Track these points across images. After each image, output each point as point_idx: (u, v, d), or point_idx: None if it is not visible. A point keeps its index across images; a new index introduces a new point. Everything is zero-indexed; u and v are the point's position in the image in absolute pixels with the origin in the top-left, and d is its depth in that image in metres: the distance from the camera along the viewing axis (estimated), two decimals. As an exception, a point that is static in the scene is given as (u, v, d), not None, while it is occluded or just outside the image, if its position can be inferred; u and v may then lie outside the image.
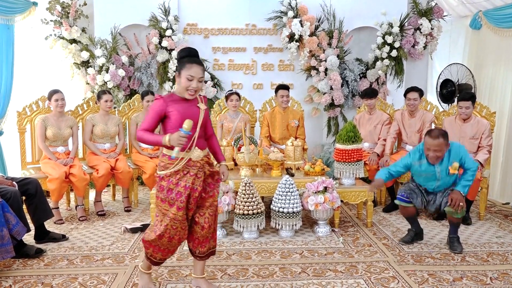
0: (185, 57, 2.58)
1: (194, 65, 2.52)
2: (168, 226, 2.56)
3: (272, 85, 6.18)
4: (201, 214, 2.68)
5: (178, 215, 2.54)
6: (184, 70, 2.52)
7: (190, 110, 2.58)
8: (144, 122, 2.59)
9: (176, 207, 2.54)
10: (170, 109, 2.54)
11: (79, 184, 4.28)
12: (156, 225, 2.62)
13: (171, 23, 5.81)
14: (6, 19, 4.80)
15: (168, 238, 2.59)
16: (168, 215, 2.56)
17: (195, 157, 2.58)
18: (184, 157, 2.54)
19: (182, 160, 2.54)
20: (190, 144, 2.53)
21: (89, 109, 5.01)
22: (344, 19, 6.00)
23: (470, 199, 4.29)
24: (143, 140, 2.58)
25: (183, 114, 2.53)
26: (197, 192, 2.59)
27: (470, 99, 4.34)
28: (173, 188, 2.55)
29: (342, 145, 4.13)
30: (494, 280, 2.98)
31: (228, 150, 4.44)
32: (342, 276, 3.03)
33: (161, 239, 2.58)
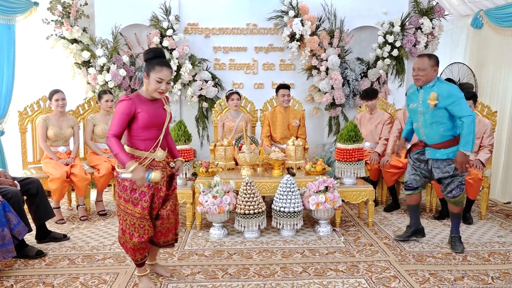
0: (154, 58, 2.60)
1: (164, 68, 2.57)
2: (135, 226, 2.63)
3: (273, 85, 6.18)
4: (164, 207, 2.76)
5: (143, 214, 2.61)
6: (153, 72, 2.56)
7: (157, 111, 2.65)
8: (114, 125, 2.54)
9: (141, 206, 2.60)
10: (138, 110, 2.56)
11: (80, 184, 4.29)
12: (124, 226, 2.66)
13: (172, 22, 5.81)
14: (7, 19, 4.80)
15: (138, 237, 2.64)
16: (134, 215, 2.61)
17: (158, 158, 2.67)
18: (149, 157, 2.61)
19: (146, 160, 2.61)
20: (155, 145, 2.62)
21: (90, 109, 5.01)
22: (345, 18, 6.00)
23: (471, 199, 4.28)
24: (111, 148, 2.53)
25: (151, 116, 2.59)
26: (162, 192, 2.69)
27: (471, 99, 4.33)
28: (137, 189, 2.59)
29: (343, 145, 4.13)
30: (495, 280, 2.97)
31: (229, 150, 4.44)
32: (343, 276, 3.03)
33: (132, 239, 2.64)
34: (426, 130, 3.39)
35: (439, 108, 3.26)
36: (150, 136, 2.63)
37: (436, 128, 3.33)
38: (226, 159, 4.44)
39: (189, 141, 4.13)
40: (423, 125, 3.40)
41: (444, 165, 3.37)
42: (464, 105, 3.22)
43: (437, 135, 3.34)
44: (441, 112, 3.27)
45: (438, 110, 3.27)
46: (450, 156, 3.33)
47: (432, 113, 3.30)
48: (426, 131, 3.40)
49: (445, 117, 3.28)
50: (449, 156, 3.33)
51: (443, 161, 3.37)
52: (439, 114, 3.28)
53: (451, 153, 3.33)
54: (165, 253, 3.45)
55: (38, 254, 3.36)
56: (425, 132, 3.41)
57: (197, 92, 6.00)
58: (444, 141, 3.34)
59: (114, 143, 2.51)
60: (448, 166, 3.35)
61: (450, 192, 3.41)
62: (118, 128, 2.54)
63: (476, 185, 4.17)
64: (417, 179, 3.60)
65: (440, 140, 3.35)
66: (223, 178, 3.99)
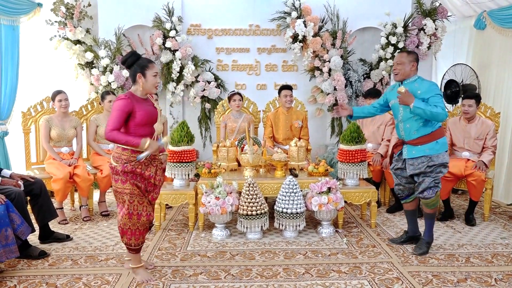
0: (138, 59, 2.82)
1: (153, 63, 2.85)
2: (144, 204, 2.87)
3: (276, 86, 6.18)
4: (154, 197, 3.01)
5: (133, 189, 2.81)
6: (148, 70, 2.80)
7: (151, 110, 2.86)
8: (112, 122, 2.72)
9: (129, 183, 2.81)
10: (136, 109, 2.76)
11: (83, 184, 4.30)
12: (131, 209, 2.83)
13: (175, 24, 5.82)
14: (11, 20, 4.82)
15: (146, 216, 2.89)
16: (124, 192, 2.81)
17: (154, 152, 2.86)
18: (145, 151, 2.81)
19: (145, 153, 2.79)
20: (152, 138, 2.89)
21: (93, 110, 5.03)
22: (348, 19, 5.99)
23: (474, 200, 4.27)
24: (117, 140, 2.73)
25: (147, 114, 2.81)
26: (157, 180, 2.96)
27: (474, 98, 4.33)
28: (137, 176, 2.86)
29: (346, 146, 4.13)
30: (499, 282, 2.96)
31: (231, 151, 4.44)
32: (346, 277, 3.03)
33: (131, 218, 2.84)
34: (405, 124, 3.41)
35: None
36: (146, 132, 2.82)
37: (414, 122, 3.35)
38: (228, 160, 4.44)
39: (191, 142, 4.13)
40: (402, 119, 3.42)
41: (418, 162, 3.36)
42: (440, 101, 3.26)
43: (415, 130, 3.35)
44: None
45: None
46: (426, 153, 3.33)
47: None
48: (405, 126, 3.41)
49: None
50: (425, 153, 3.33)
51: (417, 159, 3.37)
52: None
53: (427, 149, 3.33)
54: (168, 254, 3.45)
55: (41, 255, 3.37)
56: (404, 127, 3.42)
57: (200, 93, 6.00)
58: (422, 136, 3.34)
59: (117, 134, 2.72)
60: (421, 163, 3.35)
61: (422, 193, 3.39)
62: (116, 125, 2.72)
63: (479, 186, 4.16)
64: (402, 189, 3.60)
65: (418, 135, 3.35)
66: (225, 179, 4.00)
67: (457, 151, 4.48)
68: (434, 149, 3.32)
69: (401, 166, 3.52)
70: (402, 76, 3.38)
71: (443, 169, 3.38)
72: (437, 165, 3.33)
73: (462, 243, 3.73)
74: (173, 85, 5.91)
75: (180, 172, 4.03)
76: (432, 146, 3.33)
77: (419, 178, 3.39)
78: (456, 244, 3.72)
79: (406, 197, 3.61)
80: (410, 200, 3.61)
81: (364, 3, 6.06)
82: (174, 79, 5.88)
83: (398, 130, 3.51)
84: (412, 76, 3.39)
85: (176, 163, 4.01)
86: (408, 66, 3.36)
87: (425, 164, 3.33)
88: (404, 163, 3.49)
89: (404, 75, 3.38)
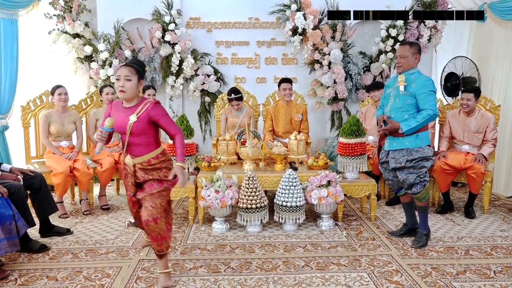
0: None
1: (122, 66, 2.75)
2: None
3: (275, 79, 6.16)
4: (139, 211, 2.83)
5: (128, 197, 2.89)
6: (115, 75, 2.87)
7: (122, 118, 2.70)
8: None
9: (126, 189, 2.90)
10: (112, 115, 2.76)
11: (83, 178, 4.29)
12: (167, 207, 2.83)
13: (174, 17, 5.79)
14: (10, 14, 4.79)
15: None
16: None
17: (127, 162, 2.79)
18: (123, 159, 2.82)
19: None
20: (123, 149, 2.78)
21: (92, 104, 5.01)
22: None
23: (474, 193, 4.27)
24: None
25: (116, 121, 2.71)
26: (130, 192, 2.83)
27: (472, 92, 4.31)
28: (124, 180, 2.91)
29: (346, 139, 4.12)
30: (497, 274, 2.97)
31: (231, 144, 4.44)
32: (346, 270, 3.03)
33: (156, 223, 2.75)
34: (391, 114, 3.42)
35: (410, 94, 3.31)
36: (123, 140, 2.76)
37: (401, 114, 3.35)
38: (228, 154, 4.44)
39: (191, 136, 4.13)
40: (390, 109, 3.43)
41: (399, 155, 3.36)
42: (431, 100, 3.28)
43: (398, 121, 3.34)
44: (410, 99, 3.32)
45: (408, 96, 3.31)
46: (406, 146, 3.33)
47: (402, 97, 3.34)
48: (391, 115, 3.42)
49: (412, 105, 3.32)
50: (405, 145, 3.33)
51: (398, 152, 3.37)
52: (408, 101, 3.32)
53: (407, 142, 3.33)
54: (168, 247, 3.46)
55: (42, 248, 3.38)
56: (389, 115, 3.42)
57: (199, 86, 5.99)
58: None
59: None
60: (402, 157, 3.35)
61: (410, 189, 3.39)
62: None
63: (479, 179, 4.15)
64: (391, 183, 3.61)
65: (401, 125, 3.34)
66: (225, 172, 3.99)
67: (456, 144, 4.48)
68: (414, 143, 3.32)
69: (386, 159, 3.52)
70: (406, 69, 3.37)
71: (426, 163, 3.36)
72: (418, 159, 3.32)
73: (462, 236, 3.74)
74: (173, 78, 5.89)
75: (180, 165, 4.02)
76: (413, 139, 3.32)
77: (402, 175, 3.38)
78: (456, 236, 3.72)
79: (399, 190, 3.62)
80: (402, 193, 3.61)
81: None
82: (173, 72, 5.86)
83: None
84: (413, 68, 3.38)
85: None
86: (411, 59, 3.35)
87: (405, 158, 3.33)
88: (387, 156, 3.49)
89: (407, 68, 3.37)
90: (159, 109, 2.71)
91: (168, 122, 2.73)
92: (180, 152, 2.73)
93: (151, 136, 2.74)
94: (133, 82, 2.66)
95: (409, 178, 3.35)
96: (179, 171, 2.70)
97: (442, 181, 4.32)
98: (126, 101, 2.71)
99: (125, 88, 2.64)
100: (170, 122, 2.75)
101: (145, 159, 2.72)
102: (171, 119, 2.78)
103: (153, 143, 2.76)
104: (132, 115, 2.65)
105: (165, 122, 2.72)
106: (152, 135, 2.74)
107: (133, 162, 2.73)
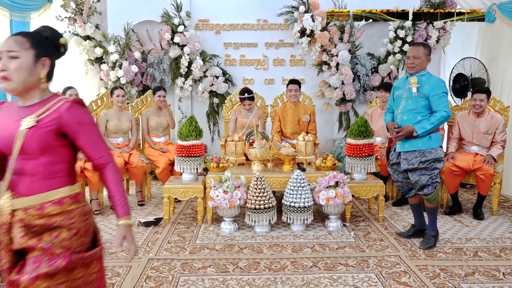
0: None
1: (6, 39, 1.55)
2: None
3: (284, 80, 6.16)
4: None
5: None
6: None
7: (7, 125, 1.54)
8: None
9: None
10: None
11: (94, 178, 4.33)
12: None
13: (183, 19, 5.82)
14: (22, 16, 4.86)
15: None
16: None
17: (1, 206, 1.53)
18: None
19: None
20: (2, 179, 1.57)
21: (103, 105, 5.05)
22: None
23: (483, 194, 4.24)
24: None
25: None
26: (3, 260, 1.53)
27: (485, 92, 4.27)
28: None
29: (354, 140, 4.11)
30: (506, 276, 2.94)
31: (239, 145, 4.45)
32: (353, 270, 3.03)
33: None
34: (403, 116, 3.37)
35: (423, 96, 3.28)
36: (5, 165, 1.57)
37: (413, 115, 3.32)
38: (236, 154, 4.44)
39: (200, 137, 4.15)
40: (402, 111, 3.39)
41: (412, 157, 3.33)
42: (444, 101, 3.25)
43: (411, 123, 3.31)
44: (423, 101, 3.29)
45: (421, 98, 3.28)
46: (419, 148, 3.30)
47: (415, 99, 3.30)
48: (403, 117, 3.37)
49: (425, 107, 3.29)
50: (418, 147, 3.31)
51: (411, 153, 3.34)
52: (420, 102, 3.29)
53: (420, 143, 3.30)
54: (177, 247, 3.48)
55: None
56: (401, 118, 3.39)
57: (208, 88, 6.01)
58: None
59: None
60: (414, 159, 3.32)
61: (422, 190, 3.35)
62: None
63: (488, 180, 4.12)
64: (400, 185, 3.58)
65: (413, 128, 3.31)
66: (233, 173, 4.00)
67: (465, 145, 4.44)
68: (427, 144, 3.29)
69: (396, 161, 3.49)
70: (418, 70, 3.34)
71: (438, 165, 3.33)
72: (431, 160, 3.29)
73: (470, 237, 3.71)
74: (182, 80, 5.92)
75: (188, 166, 4.05)
76: (426, 140, 3.30)
77: (415, 176, 3.35)
78: (464, 238, 3.69)
79: (407, 192, 3.59)
80: (411, 194, 3.59)
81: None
82: (182, 74, 5.90)
83: (395, 121, 3.48)
84: (424, 68, 3.37)
85: (185, 157, 4.03)
86: (424, 60, 3.33)
87: (418, 159, 3.30)
88: (399, 157, 3.46)
89: (419, 69, 3.35)
90: (80, 113, 1.56)
91: (93, 139, 1.59)
92: (119, 197, 1.62)
93: (59, 160, 1.56)
94: (23, 61, 1.51)
95: (421, 180, 3.32)
96: (124, 233, 1.68)
97: (450, 182, 4.28)
98: (18, 96, 1.57)
99: (9, 73, 1.49)
100: (95, 139, 1.60)
101: (35, 203, 1.51)
102: (99, 135, 1.63)
103: (60, 173, 1.56)
104: (27, 118, 1.50)
105: (87, 138, 1.57)
106: (59, 159, 1.56)
107: (13, 206, 1.51)
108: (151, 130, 5.02)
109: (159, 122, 5.02)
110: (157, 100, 4.98)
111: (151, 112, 5.04)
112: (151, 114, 5.02)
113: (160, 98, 4.96)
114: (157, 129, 5.03)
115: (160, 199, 4.86)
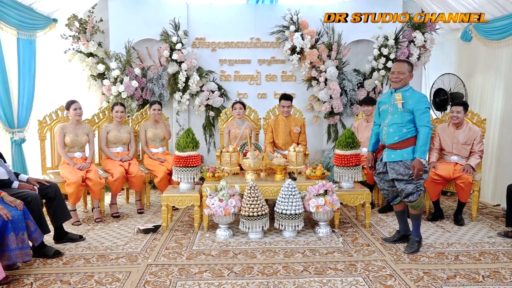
0: None
1: None
2: None
3: (275, 95, 6.21)
4: None
5: None
6: None
7: None
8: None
9: None
10: None
11: (95, 187, 4.30)
12: None
13: (181, 37, 5.86)
14: (28, 35, 4.85)
15: None
16: None
17: None
18: None
19: None
20: None
21: (104, 118, 5.04)
22: (343, 32, 6.02)
23: (462, 201, 4.26)
24: None
25: None
26: None
27: (462, 105, 4.34)
28: None
29: (341, 151, 4.13)
30: (486, 278, 2.95)
31: (234, 156, 4.45)
32: (342, 274, 3.02)
33: None
34: (389, 129, 3.40)
35: (408, 111, 3.31)
36: None
37: (398, 128, 3.35)
38: (231, 165, 4.44)
39: (197, 148, 4.14)
40: (388, 124, 3.42)
41: (399, 167, 3.35)
42: (426, 116, 3.28)
43: (397, 135, 3.35)
44: (408, 115, 3.32)
45: (406, 113, 3.32)
46: (404, 158, 3.32)
47: (400, 113, 3.34)
48: (389, 130, 3.41)
49: (410, 121, 3.33)
50: (403, 157, 3.33)
51: (397, 163, 3.36)
52: (406, 117, 3.33)
53: (405, 154, 3.33)
54: (174, 253, 3.45)
55: (56, 254, 3.37)
56: (387, 131, 3.42)
57: (204, 102, 6.03)
58: (401, 141, 3.35)
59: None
60: (402, 169, 3.34)
61: (407, 197, 3.37)
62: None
63: (467, 188, 4.15)
64: (386, 192, 3.60)
65: (398, 140, 3.35)
66: (228, 182, 4.00)
67: (446, 155, 4.48)
68: (411, 155, 3.32)
69: (383, 170, 3.51)
70: (402, 85, 3.37)
71: (424, 174, 3.35)
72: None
73: (451, 242, 3.72)
74: (179, 94, 5.93)
75: (186, 176, 4.04)
76: (410, 151, 3.32)
77: (401, 184, 3.36)
78: (446, 243, 3.71)
79: (393, 199, 3.61)
80: (396, 202, 3.60)
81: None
82: (180, 89, 5.91)
83: (381, 134, 3.51)
84: (407, 84, 3.40)
85: (182, 168, 4.02)
86: (408, 76, 3.37)
87: (407, 171, 3.31)
88: (385, 167, 3.48)
89: (403, 84, 3.38)
90: None
91: None
92: None
93: None
94: None
95: (407, 188, 3.34)
96: None
97: (432, 190, 4.31)
98: None
99: None
100: None
101: None
102: None
103: None
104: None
105: None
106: None
107: None
108: (149, 141, 5.02)
109: (156, 134, 5.02)
110: (152, 113, 5.01)
111: (149, 124, 5.05)
112: (149, 126, 5.03)
113: (155, 111, 4.98)
114: (155, 140, 5.03)
115: (159, 207, 4.84)
